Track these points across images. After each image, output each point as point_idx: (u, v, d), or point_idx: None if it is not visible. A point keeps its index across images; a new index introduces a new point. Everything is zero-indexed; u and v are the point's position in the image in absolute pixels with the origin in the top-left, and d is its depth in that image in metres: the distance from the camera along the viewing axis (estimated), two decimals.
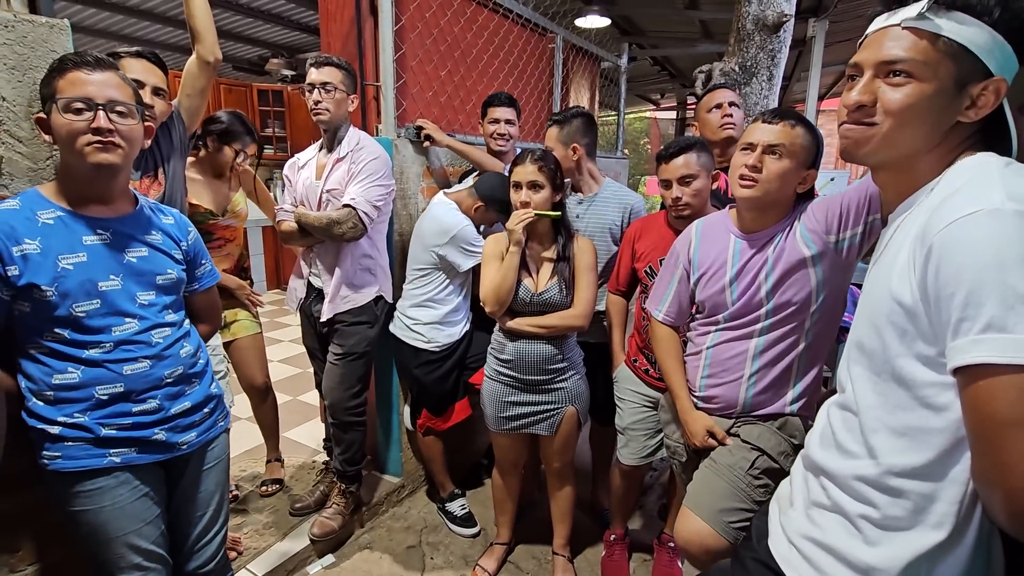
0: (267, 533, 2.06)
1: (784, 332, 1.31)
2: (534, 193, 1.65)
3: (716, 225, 1.42)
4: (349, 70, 1.94)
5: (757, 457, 1.32)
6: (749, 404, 1.37)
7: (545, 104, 3.44)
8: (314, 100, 1.89)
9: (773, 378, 1.34)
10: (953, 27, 0.70)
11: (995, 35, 0.69)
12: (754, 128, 1.29)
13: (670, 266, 1.51)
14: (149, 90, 1.49)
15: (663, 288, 1.53)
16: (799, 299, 1.27)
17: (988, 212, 0.62)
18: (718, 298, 1.36)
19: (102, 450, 1.12)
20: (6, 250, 1.03)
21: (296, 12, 5.25)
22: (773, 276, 1.28)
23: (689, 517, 1.32)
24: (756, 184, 1.25)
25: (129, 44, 5.47)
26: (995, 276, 0.59)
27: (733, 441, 1.37)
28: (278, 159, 6.22)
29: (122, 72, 1.12)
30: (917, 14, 0.72)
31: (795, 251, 1.27)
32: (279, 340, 4.64)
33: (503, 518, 2.04)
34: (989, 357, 0.59)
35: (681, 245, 1.48)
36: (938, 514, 0.70)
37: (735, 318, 1.35)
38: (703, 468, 1.39)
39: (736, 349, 1.35)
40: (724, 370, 1.38)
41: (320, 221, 1.89)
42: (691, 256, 1.44)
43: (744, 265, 1.32)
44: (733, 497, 1.28)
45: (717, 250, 1.38)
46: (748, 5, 2.80)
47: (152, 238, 1.21)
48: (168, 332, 1.20)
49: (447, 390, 2.13)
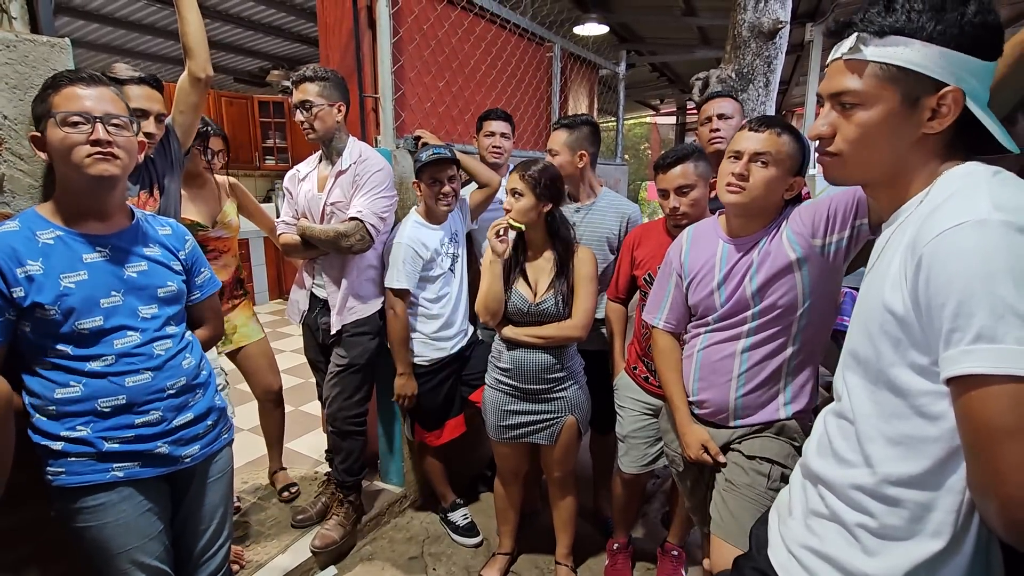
0: (269, 546, 2.06)
1: (771, 334, 1.31)
2: (514, 200, 1.67)
3: (706, 230, 1.44)
4: (327, 78, 1.87)
5: (771, 469, 1.31)
6: (740, 407, 1.36)
7: (544, 113, 3.46)
8: (299, 121, 1.90)
9: (761, 380, 1.33)
10: (889, 52, 0.73)
11: (936, 49, 0.71)
12: (741, 136, 1.29)
13: (665, 274, 1.52)
14: (152, 120, 1.51)
15: (660, 296, 1.53)
16: (785, 302, 1.27)
17: (975, 223, 0.62)
18: (708, 301, 1.38)
19: (105, 464, 1.12)
20: (10, 272, 1.04)
21: (296, 24, 5.30)
22: (758, 278, 1.29)
23: (723, 547, 1.29)
24: (743, 191, 1.26)
25: (128, 58, 5.57)
26: (984, 287, 0.60)
27: (738, 458, 1.37)
28: (279, 170, 6.25)
29: (114, 88, 1.14)
30: (849, 48, 0.76)
31: (780, 254, 1.27)
32: (281, 351, 4.65)
33: (505, 528, 2.04)
34: (980, 367, 0.60)
35: (673, 252, 1.49)
36: (935, 523, 0.70)
37: (723, 319, 1.36)
38: (723, 493, 1.36)
39: (725, 351, 1.36)
40: (713, 372, 1.38)
41: (327, 234, 1.89)
42: (682, 261, 1.45)
43: (731, 268, 1.33)
44: (760, 515, 1.27)
45: (706, 254, 1.39)
46: (744, 12, 2.82)
47: (150, 251, 1.22)
48: (169, 344, 1.21)
49: (438, 405, 2.12)
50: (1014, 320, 0.58)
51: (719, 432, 1.41)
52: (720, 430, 1.41)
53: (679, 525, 2.01)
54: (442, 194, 1.97)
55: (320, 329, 2.07)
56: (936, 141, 0.75)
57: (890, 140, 0.76)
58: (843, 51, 0.77)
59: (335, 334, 2.02)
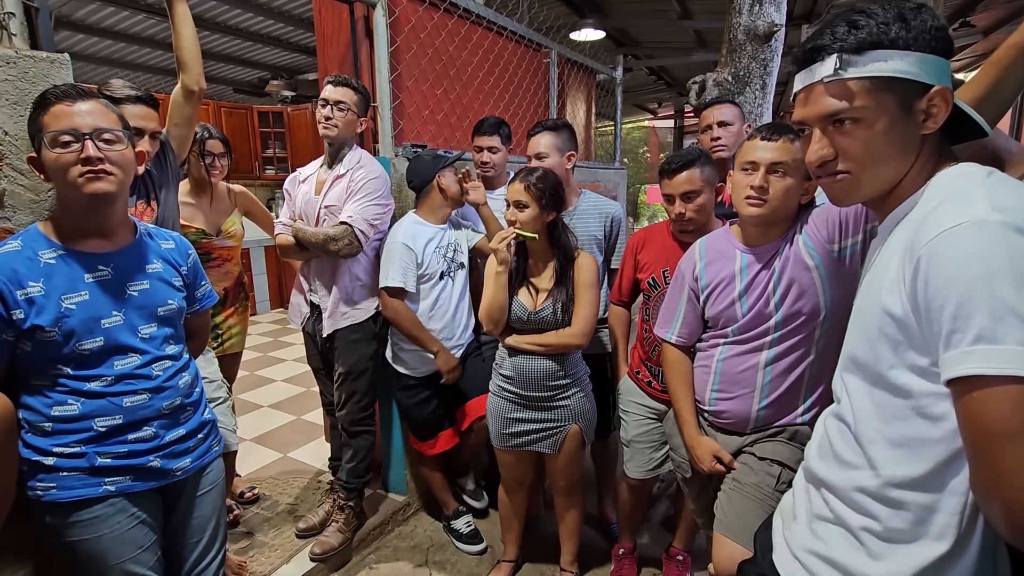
0: (273, 556, 2.05)
1: (794, 343, 1.31)
2: (519, 212, 1.65)
3: (720, 242, 1.42)
4: (365, 94, 2.00)
5: (781, 471, 1.31)
6: (761, 418, 1.36)
7: (542, 118, 3.47)
8: (325, 115, 1.93)
9: (784, 390, 1.33)
10: (875, 66, 0.73)
11: (915, 55, 0.73)
12: (753, 146, 1.28)
13: (676, 288, 1.50)
14: (147, 139, 1.52)
15: (672, 311, 1.50)
16: (808, 309, 1.27)
17: (973, 224, 0.63)
18: (728, 312, 1.36)
19: (97, 479, 1.11)
20: (10, 294, 1.03)
21: (295, 34, 5.32)
22: (781, 287, 1.28)
23: (724, 543, 1.29)
24: (764, 203, 1.25)
25: (127, 71, 5.59)
26: (983, 288, 0.60)
27: (748, 459, 1.36)
28: (279, 179, 6.27)
29: (105, 102, 1.12)
30: (833, 71, 0.75)
31: (799, 262, 1.27)
32: (282, 359, 4.65)
33: (510, 535, 2.03)
34: (980, 369, 0.60)
35: (686, 266, 1.48)
36: (940, 525, 0.70)
37: (744, 331, 1.35)
38: (728, 491, 1.36)
39: (747, 363, 1.35)
40: (734, 384, 1.37)
41: (316, 237, 1.91)
42: (697, 275, 1.42)
43: (752, 279, 1.32)
44: (765, 516, 1.27)
45: (724, 266, 1.37)
46: (739, 16, 2.83)
47: (153, 267, 1.22)
48: (168, 364, 1.21)
49: (428, 417, 2.12)
50: (1014, 321, 0.58)
51: (731, 439, 1.40)
52: (733, 437, 1.41)
53: (684, 530, 2.00)
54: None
55: (318, 335, 2.09)
56: (931, 143, 0.76)
57: (896, 149, 0.76)
58: (823, 74, 0.77)
59: (327, 338, 2.05)
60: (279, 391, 3.90)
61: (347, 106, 1.93)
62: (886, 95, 0.74)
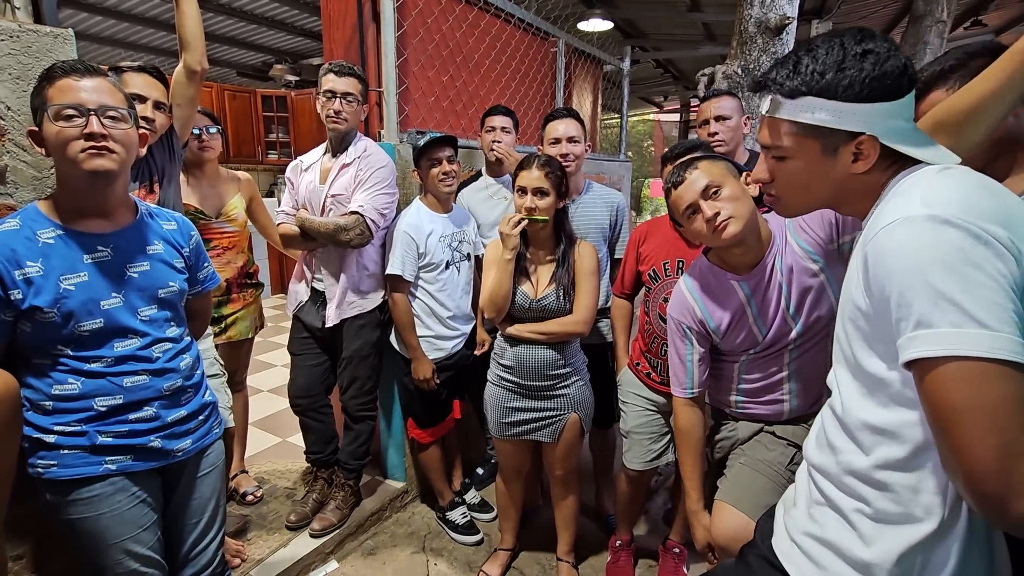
0: (271, 540, 2.06)
1: (815, 345, 1.32)
2: (539, 200, 1.63)
3: (708, 279, 1.37)
4: (365, 80, 1.98)
5: (796, 453, 1.33)
6: (794, 408, 1.39)
7: (547, 108, 3.45)
8: (335, 109, 1.89)
9: (812, 387, 1.36)
10: (801, 114, 0.79)
11: (846, 105, 0.76)
12: (678, 196, 1.27)
13: (677, 341, 1.43)
14: (151, 104, 1.50)
15: (681, 366, 1.43)
16: (826, 311, 1.28)
17: (904, 219, 0.68)
18: (748, 339, 1.35)
19: (98, 457, 1.11)
20: (8, 274, 1.02)
21: (299, 18, 5.29)
22: (794, 300, 1.28)
23: (729, 513, 1.31)
24: (732, 220, 1.21)
25: (131, 51, 5.56)
26: (917, 277, 0.65)
27: (767, 438, 1.39)
28: (282, 164, 6.24)
29: (113, 79, 1.11)
30: (767, 110, 0.84)
31: (803, 270, 1.27)
32: (282, 345, 4.60)
33: (507, 524, 2.03)
34: (922, 352, 0.64)
35: (681, 313, 1.40)
36: (924, 505, 0.73)
37: (766, 348, 1.35)
38: (739, 466, 1.39)
39: (770, 369, 1.36)
40: (761, 388, 1.39)
41: (326, 227, 1.89)
42: (701, 318, 1.37)
43: (762, 300, 1.31)
44: (775, 492, 1.27)
45: (728, 301, 1.34)
46: (750, 8, 2.80)
47: (154, 249, 1.20)
48: (169, 346, 1.20)
49: (431, 402, 2.12)
50: (946, 305, 0.63)
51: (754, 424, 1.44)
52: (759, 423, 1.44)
53: (681, 523, 2.00)
54: (443, 174, 1.97)
55: (316, 323, 2.06)
56: (875, 166, 0.80)
57: (818, 182, 0.84)
58: (764, 109, 0.85)
59: (333, 326, 2.03)
60: (279, 376, 3.91)
61: (354, 97, 1.91)
62: (810, 140, 0.81)
